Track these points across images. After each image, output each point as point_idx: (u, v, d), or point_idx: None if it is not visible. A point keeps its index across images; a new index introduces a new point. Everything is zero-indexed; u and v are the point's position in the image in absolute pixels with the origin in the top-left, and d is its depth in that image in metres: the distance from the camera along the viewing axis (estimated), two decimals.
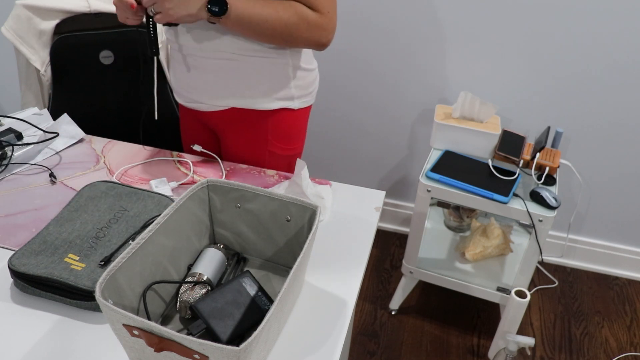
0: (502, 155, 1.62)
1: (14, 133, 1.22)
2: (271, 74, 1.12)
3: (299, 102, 1.19)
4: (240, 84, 1.13)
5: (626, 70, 1.73)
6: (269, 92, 1.14)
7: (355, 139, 2.15)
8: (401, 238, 2.29)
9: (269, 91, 1.14)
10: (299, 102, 1.19)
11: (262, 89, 1.14)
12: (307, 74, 1.19)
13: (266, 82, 1.13)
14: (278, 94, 1.15)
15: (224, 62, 1.10)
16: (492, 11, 1.74)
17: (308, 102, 1.23)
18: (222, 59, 1.10)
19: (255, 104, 1.15)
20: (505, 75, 1.85)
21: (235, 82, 1.13)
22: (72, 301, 0.83)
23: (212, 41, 1.08)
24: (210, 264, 0.87)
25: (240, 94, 1.14)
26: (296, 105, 1.19)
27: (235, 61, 1.10)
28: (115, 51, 1.43)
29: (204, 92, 1.16)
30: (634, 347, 1.86)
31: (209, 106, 1.17)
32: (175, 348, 0.63)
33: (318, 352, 0.79)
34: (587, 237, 2.12)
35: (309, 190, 1.04)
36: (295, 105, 1.19)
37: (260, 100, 1.15)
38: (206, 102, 1.17)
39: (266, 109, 1.16)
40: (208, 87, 1.15)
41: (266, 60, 1.11)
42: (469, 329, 1.88)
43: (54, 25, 1.38)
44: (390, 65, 1.94)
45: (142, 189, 1.03)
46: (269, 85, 1.14)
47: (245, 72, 1.11)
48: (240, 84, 1.13)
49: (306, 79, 1.19)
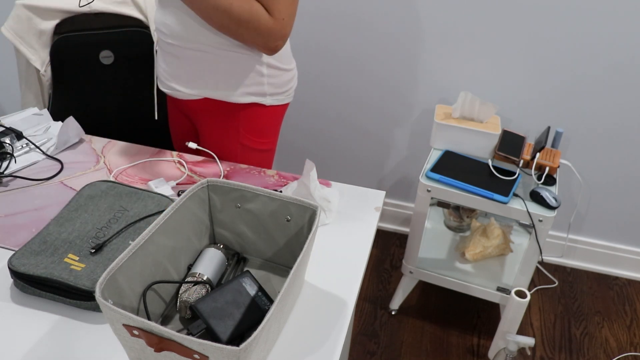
0: (502, 155, 1.62)
1: (14, 133, 1.22)
2: (244, 69, 1.16)
3: (271, 99, 1.23)
4: (214, 76, 1.17)
5: (626, 70, 1.73)
6: (240, 87, 1.18)
7: (355, 139, 2.15)
8: (401, 238, 2.29)
9: (240, 85, 1.18)
10: (272, 99, 1.23)
11: (233, 82, 1.17)
12: (282, 73, 1.22)
13: (239, 76, 1.17)
14: (249, 89, 1.19)
15: (201, 54, 1.14)
16: (492, 11, 1.74)
17: (282, 100, 1.26)
18: (199, 50, 1.14)
19: (227, 96, 1.19)
20: (505, 75, 1.85)
21: (210, 74, 1.17)
22: (72, 301, 0.83)
23: (192, 32, 1.12)
24: (210, 264, 0.87)
25: (214, 85, 1.18)
26: (268, 101, 1.23)
27: (211, 54, 1.14)
28: (115, 51, 1.43)
29: (180, 80, 1.20)
30: (634, 347, 1.86)
31: (184, 94, 1.21)
32: (175, 348, 0.63)
33: (318, 352, 0.79)
34: (587, 237, 2.12)
35: (316, 193, 1.05)
36: (267, 101, 1.22)
37: (232, 93, 1.18)
38: (182, 91, 1.21)
39: (238, 102, 1.20)
40: (185, 76, 1.19)
41: (240, 55, 1.14)
42: (469, 329, 1.88)
43: (54, 25, 1.38)
44: (390, 65, 1.94)
45: (142, 189, 1.03)
46: (241, 80, 1.17)
47: (220, 65, 1.15)
48: (214, 76, 1.17)
49: (280, 78, 1.22)
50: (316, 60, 1.99)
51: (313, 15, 1.90)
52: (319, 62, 2.00)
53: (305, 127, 2.17)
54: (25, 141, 1.21)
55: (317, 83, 2.05)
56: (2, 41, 2.26)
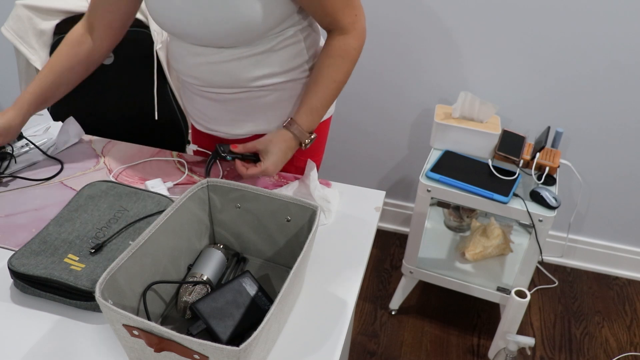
0: (502, 155, 1.62)
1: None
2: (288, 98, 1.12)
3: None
4: (259, 112, 1.12)
5: (626, 70, 1.73)
6: (287, 115, 1.13)
7: (355, 139, 2.15)
8: (401, 238, 2.29)
9: (287, 114, 1.13)
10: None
11: (280, 113, 1.13)
12: None
13: (285, 106, 1.13)
14: None
15: (241, 94, 1.10)
16: (492, 11, 1.74)
17: (330, 112, 1.22)
18: (239, 91, 1.09)
19: (277, 126, 1.13)
20: (505, 75, 1.85)
21: (254, 112, 1.12)
22: (72, 301, 0.83)
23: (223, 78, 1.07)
24: (210, 264, 0.87)
25: (261, 121, 1.14)
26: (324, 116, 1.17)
27: (252, 92, 1.09)
28: (115, 51, 1.43)
29: (222, 122, 1.15)
30: (634, 347, 1.86)
31: (229, 135, 1.17)
32: (175, 348, 0.63)
33: (318, 352, 0.79)
34: (587, 237, 2.12)
35: (316, 193, 1.05)
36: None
37: (280, 122, 1.13)
38: (226, 132, 1.17)
39: None
40: (227, 118, 1.14)
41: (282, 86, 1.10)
42: (469, 329, 1.88)
43: (54, 25, 1.38)
44: (390, 65, 1.94)
45: (142, 189, 1.03)
46: (288, 108, 1.13)
47: (263, 101, 1.11)
48: (259, 113, 1.12)
49: None
50: None
51: None
52: None
53: None
54: (25, 141, 1.21)
55: None
56: (2, 41, 2.26)
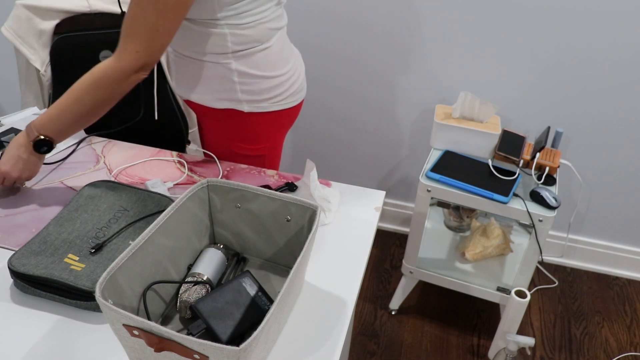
0: (502, 155, 1.62)
1: (15, 133, 1.22)
2: (212, 75, 1.17)
3: (248, 106, 1.20)
4: (190, 80, 1.20)
5: (626, 70, 1.73)
6: (213, 92, 1.19)
7: (355, 139, 2.15)
8: (401, 238, 2.29)
9: (213, 91, 1.19)
10: (249, 106, 1.20)
11: (206, 88, 1.19)
12: (260, 80, 1.17)
13: (209, 82, 1.18)
14: (222, 95, 1.19)
15: (179, 60, 1.19)
16: (492, 11, 1.74)
17: (264, 107, 1.21)
18: (179, 56, 1.18)
19: (203, 100, 1.20)
20: (505, 75, 1.85)
21: (187, 79, 1.20)
22: (72, 301, 0.83)
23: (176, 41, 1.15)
24: (210, 264, 0.87)
25: (192, 89, 1.21)
26: (245, 108, 1.20)
27: (184, 60, 1.17)
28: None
29: (176, 82, 1.25)
30: (634, 347, 1.86)
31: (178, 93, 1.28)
32: (175, 348, 0.63)
33: (318, 352, 0.79)
34: (587, 237, 2.12)
35: (316, 193, 1.05)
36: (244, 108, 1.20)
37: (206, 97, 1.20)
38: (175, 90, 1.28)
39: (214, 107, 1.21)
40: (174, 77, 1.25)
41: (204, 63, 1.15)
42: (469, 329, 1.88)
43: (54, 25, 1.38)
44: (390, 65, 1.94)
45: (142, 189, 1.03)
46: (213, 85, 1.18)
47: (191, 71, 1.18)
48: (189, 81, 1.20)
49: (257, 85, 1.18)
50: (316, 61, 1.99)
51: (313, 16, 1.90)
52: (319, 62, 2.00)
53: (306, 127, 2.17)
54: None
55: (317, 83, 2.05)
56: (2, 41, 2.26)
